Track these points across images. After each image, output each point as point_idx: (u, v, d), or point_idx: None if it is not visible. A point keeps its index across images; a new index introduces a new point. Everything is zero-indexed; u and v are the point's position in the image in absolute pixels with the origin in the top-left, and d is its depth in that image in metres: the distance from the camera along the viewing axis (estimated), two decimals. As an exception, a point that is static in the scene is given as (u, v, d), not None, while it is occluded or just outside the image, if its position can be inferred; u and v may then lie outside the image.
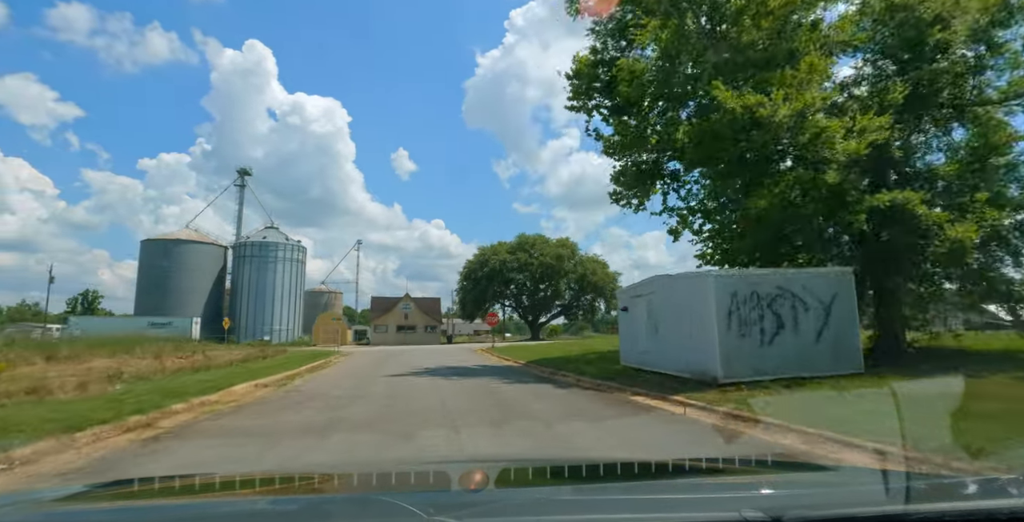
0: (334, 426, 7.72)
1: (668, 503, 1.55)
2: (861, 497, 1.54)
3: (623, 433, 7.29)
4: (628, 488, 1.86)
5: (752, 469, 2.32)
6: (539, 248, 59.49)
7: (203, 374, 15.43)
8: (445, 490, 1.92)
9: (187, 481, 2.11)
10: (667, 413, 8.83)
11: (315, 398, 11.36)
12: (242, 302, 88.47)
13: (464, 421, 7.94)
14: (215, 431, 7.51)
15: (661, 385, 11.17)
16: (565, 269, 58.90)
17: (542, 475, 2.22)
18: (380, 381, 15.73)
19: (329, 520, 1.44)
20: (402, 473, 2.27)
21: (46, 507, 1.69)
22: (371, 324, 60.56)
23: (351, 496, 1.83)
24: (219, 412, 9.26)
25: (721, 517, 1.26)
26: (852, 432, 5.85)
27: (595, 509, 1.44)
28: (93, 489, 2.05)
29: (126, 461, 5.78)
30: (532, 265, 57.78)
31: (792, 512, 1.20)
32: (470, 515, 1.30)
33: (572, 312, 67.26)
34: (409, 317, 60.79)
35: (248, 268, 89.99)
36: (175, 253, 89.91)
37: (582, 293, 61.96)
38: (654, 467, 2.26)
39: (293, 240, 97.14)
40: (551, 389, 12.63)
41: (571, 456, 4.76)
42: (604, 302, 64.52)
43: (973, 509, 1.24)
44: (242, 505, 1.68)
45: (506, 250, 59.74)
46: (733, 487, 1.90)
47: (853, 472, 2.50)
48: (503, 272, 57.35)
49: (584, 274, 59.87)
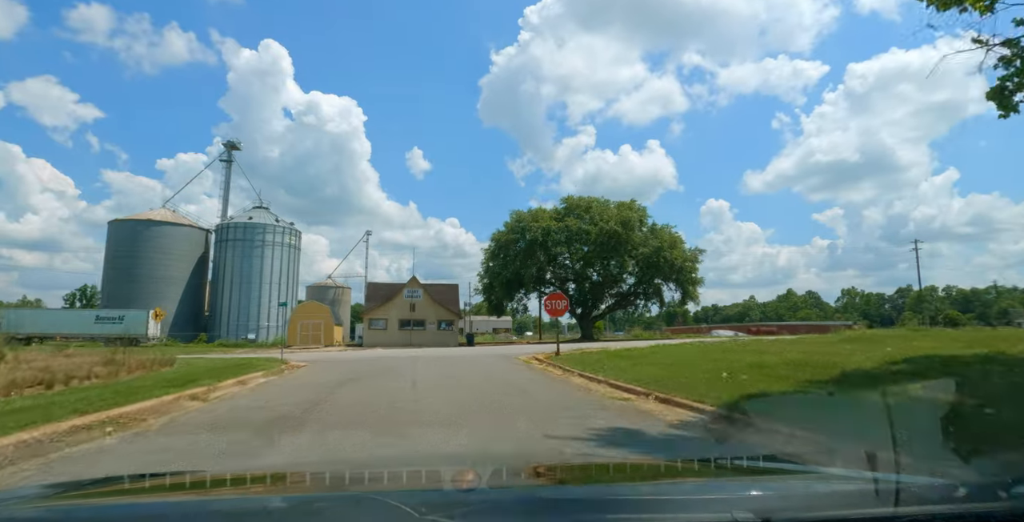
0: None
1: (659, 504, 1.54)
2: (850, 499, 1.52)
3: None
4: (619, 489, 1.86)
5: (743, 469, 2.28)
6: (597, 212, 42.90)
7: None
8: (438, 489, 1.85)
9: (178, 478, 2.15)
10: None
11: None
12: (223, 294, 72.75)
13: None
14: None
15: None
16: (633, 241, 41.99)
17: (534, 475, 2.15)
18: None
19: (321, 518, 1.43)
20: (394, 472, 2.18)
21: (35, 503, 1.67)
22: (364, 318, 44.36)
23: (343, 494, 1.79)
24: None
25: (712, 518, 1.27)
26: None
27: (586, 509, 1.44)
28: (84, 485, 2.03)
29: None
30: (588, 234, 41.05)
31: (781, 514, 1.23)
32: (462, 514, 1.28)
33: (631, 302, 50.34)
34: (417, 308, 44.46)
35: (231, 254, 74.39)
36: (146, 236, 74.30)
37: (651, 276, 44.98)
38: (646, 468, 2.41)
39: (284, 222, 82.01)
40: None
41: (564, 458, 4.29)
42: (679, 290, 47.51)
43: (964, 512, 1.26)
44: (233, 503, 1.67)
45: (550, 216, 43.05)
46: (724, 488, 1.85)
47: (844, 473, 2.15)
48: (547, 245, 40.81)
49: (659, 249, 42.93)
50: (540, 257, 41.82)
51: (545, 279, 47.05)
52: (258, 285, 74.52)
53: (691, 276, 46.59)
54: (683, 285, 46.92)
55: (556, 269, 45.56)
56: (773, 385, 8.60)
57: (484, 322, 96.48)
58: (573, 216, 43.42)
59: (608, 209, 43.43)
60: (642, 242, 42.21)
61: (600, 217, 42.07)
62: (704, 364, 12.34)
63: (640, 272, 44.18)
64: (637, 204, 44.15)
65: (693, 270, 45.77)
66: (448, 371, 15.70)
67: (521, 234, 42.09)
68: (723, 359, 12.76)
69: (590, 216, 42.71)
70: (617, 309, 50.57)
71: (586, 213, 43.46)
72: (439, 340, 43.65)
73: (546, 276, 46.69)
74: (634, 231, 42.12)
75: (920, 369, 8.75)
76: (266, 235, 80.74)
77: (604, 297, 47.81)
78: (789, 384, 8.57)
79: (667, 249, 43.58)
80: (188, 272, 78.68)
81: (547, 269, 44.40)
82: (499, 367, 17.48)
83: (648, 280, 46.85)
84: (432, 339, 43.73)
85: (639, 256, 42.21)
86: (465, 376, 14.15)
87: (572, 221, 42.29)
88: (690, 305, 52.01)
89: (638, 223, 42.10)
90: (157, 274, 76.10)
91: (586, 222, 42.09)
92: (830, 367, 9.72)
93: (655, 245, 42.89)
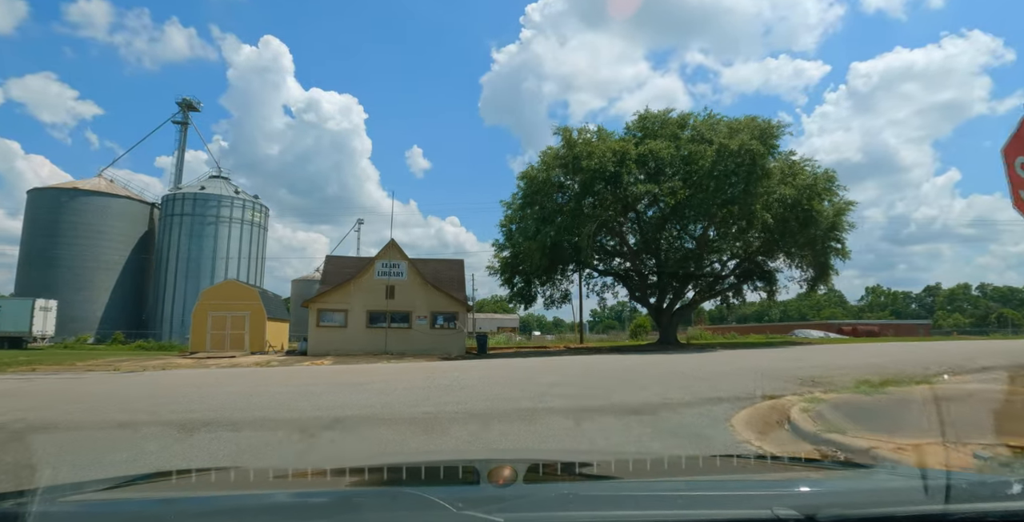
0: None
1: (698, 500, 1.49)
2: (898, 496, 1.47)
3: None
4: (656, 484, 1.80)
5: (785, 466, 2.24)
6: (701, 131, 25.17)
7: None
8: (474, 485, 1.85)
9: (223, 474, 2.17)
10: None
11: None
12: (167, 282, 54.85)
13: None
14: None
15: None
16: (770, 177, 23.91)
17: (571, 471, 2.13)
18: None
19: (359, 513, 1.43)
20: (432, 468, 2.13)
21: (87, 496, 1.68)
22: (312, 309, 26.88)
23: (381, 489, 1.82)
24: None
25: (752, 514, 1.23)
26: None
27: (623, 505, 1.40)
28: (134, 480, 2.06)
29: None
30: (695, 161, 23.06)
31: (826, 510, 1.17)
32: (499, 510, 1.24)
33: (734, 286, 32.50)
34: (398, 293, 26.92)
35: (178, 232, 56.17)
36: (73, 209, 56.95)
37: (782, 241, 26.99)
38: (684, 464, 2.27)
39: (247, 194, 65.09)
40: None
41: (601, 453, 4.15)
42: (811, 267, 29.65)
43: (1018, 510, 1.21)
44: (275, 497, 1.70)
45: (613, 146, 25.05)
46: (765, 484, 1.83)
47: (890, 470, 2.23)
48: (621, 181, 22.93)
49: (799, 200, 24.96)
50: (608, 204, 24.16)
51: (606, 247, 29.54)
52: (210, 271, 58.22)
53: (833, 246, 28.74)
54: (821, 259, 29.01)
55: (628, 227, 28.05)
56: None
57: (488, 320, 77.39)
58: (654, 136, 25.65)
59: (718, 126, 25.51)
60: (775, 185, 24.26)
61: (711, 132, 24.28)
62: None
63: (766, 234, 26.29)
64: (761, 120, 25.94)
65: (841, 230, 27.88)
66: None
67: (572, 167, 24.40)
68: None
69: (695, 134, 25.04)
70: (712, 297, 32.57)
71: (683, 128, 25.86)
72: (433, 344, 26.12)
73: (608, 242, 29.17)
74: (768, 160, 24.20)
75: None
76: (221, 209, 63.59)
77: (696, 277, 29.87)
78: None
79: (805, 200, 25.66)
80: (126, 255, 60.59)
81: (619, 224, 26.80)
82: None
83: (769, 250, 29.02)
84: (422, 343, 26.18)
85: (775, 203, 24.34)
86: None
87: (661, 145, 24.47)
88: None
89: (762, 151, 24.07)
90: (85, 257, 59.18)
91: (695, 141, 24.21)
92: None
93: (799, 186, 24.94)
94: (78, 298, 55.24)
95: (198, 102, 69.75)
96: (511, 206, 29.31)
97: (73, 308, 54.56)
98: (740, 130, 23.89)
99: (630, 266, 31.28)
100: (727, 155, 22.47)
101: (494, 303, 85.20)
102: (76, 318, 54.58)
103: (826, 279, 31.11)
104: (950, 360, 13.72)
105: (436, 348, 26.10)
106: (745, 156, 22.56)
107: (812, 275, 30.91)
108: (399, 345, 26.15)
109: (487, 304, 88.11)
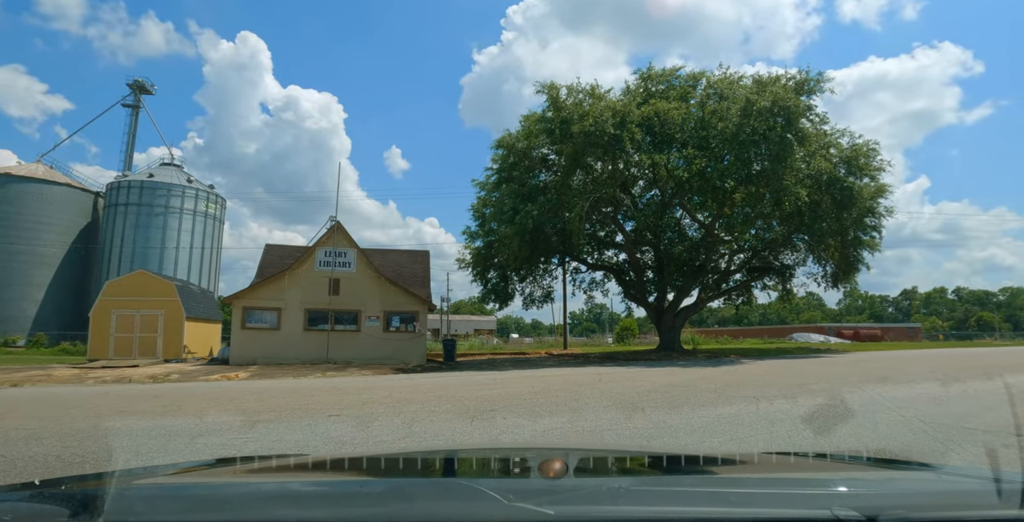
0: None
1: (753, 497, 1.45)
2: (968, 499, 1.37)
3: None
4: (709, 480, 1.75)
5: (846, 465, 2.15)
6: (720, 89, 20.33)
7: None
8: (525, 477, 1.84)
9: (283, 461, 2.22)
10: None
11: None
12: (111, 277, 49.41)
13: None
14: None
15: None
16: (809, 145, 19.09)
17: (621, 465, 2.11)
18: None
19: (412, 501, 1.44)
20: (483, 459, 2.22)
21: (158, 480, 1.75)
22: (236, 306, 21.66)
23: (434, 480, 1.84)
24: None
25: (810, 514, 1.19)
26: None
27: (674, 500, 1.38)
28: (201, 466, 2.15)
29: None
30: (711, 126, 18.22)
31: (889, 512, 1.11)
32: (549, 502, 1.23)
33: (746, 283, 27.88)
34: (343, 289, 21.81)
35: (123, 223, 57.16)
36: (3, 197, 50.47)
37: (811, 228, 22.34)
38: (738, 460, 2.22)
39: (202, 184, 59.62)
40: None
41: (656, 449, 4.05)
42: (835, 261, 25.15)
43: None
44: (332, 485, 1.72)
45: (612, 104, 20.18)
46: (824, 483, 1.70)
47: (960, 471, 2.05)
48: (622, 148, 18.06)
49: (836, 175, 20.32)
50: (603, 180, 19.23)
51: (598, 235, 24.70)
52: (158, 266, 52.45)
53: (862, 237, 24.19)
54: (849, 250, 24.48)
55: (625, 211, 23.21)
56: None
57: (464, 322, 71.44)
58: (658, 96, 20.93)
59: (738, 89, 20.70)
60: (815, 150, 19.54)
61: (731, 90, 19.49)
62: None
63: (796, 217, 21.54)
64: (801, 70, 20.89)
65: (877, 216, 23.34)
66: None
67: (559, 133, 19.50)
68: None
69: (708, 92, 20.28)
70: (720, 296, 27.82)
71: (694, 88, 21.14)
72: (387, 351, 21.03)
73: (599, 231, 24.33)
74: (803, 122, 19.39)
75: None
76: (172, 199, 57.90)
77: (704, 272, 25.11)
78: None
79: (844, 176, 21.03)
80: (66, 248, 54.70)
81: (615, 204, 21.94)
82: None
83: (788, 240, 24.37)
84: (373, 349, 21.07)
85: (806, 179, 19.60)
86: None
87: (668, 106, 19.67)
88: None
89: (810, 107, 19.39)
90: (17, 250, 52.99)
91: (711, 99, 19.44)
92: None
93: (838, 158, 20.26)
94: (7, 295, 49.39)
95: (151, 84, 63.90)
96: (484, 186, 24.31)
97: (1, 307, 48.78)
98: (769, 84, 19.19)
99: (625, 258, 26.45)
100: (755, 115, 17.67)
101: (471, 304, 79.90)
102: (5, 318, 48.70)
103: (850, 276, 26.63)
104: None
105: (391, 356, 21.02)
106: (780, 115, 17.76)
107: (833, 271, 26.41)
108: (345, 352, 21.02)
109: (464, 306, 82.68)
